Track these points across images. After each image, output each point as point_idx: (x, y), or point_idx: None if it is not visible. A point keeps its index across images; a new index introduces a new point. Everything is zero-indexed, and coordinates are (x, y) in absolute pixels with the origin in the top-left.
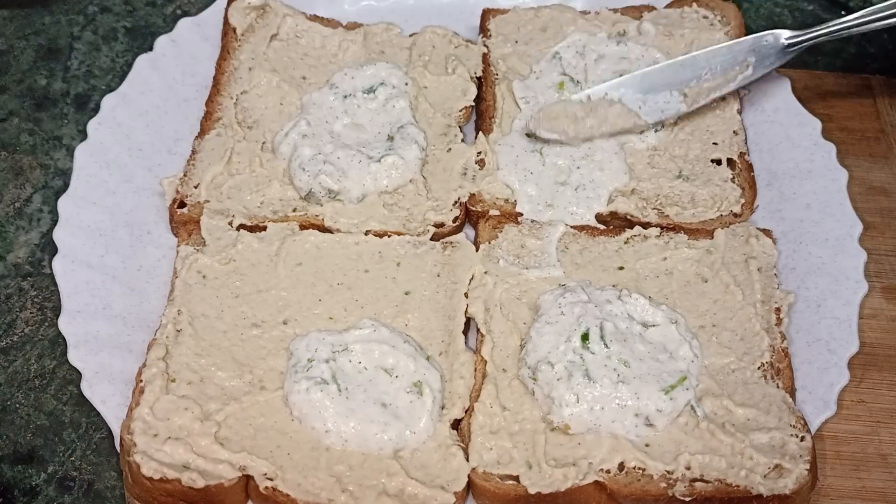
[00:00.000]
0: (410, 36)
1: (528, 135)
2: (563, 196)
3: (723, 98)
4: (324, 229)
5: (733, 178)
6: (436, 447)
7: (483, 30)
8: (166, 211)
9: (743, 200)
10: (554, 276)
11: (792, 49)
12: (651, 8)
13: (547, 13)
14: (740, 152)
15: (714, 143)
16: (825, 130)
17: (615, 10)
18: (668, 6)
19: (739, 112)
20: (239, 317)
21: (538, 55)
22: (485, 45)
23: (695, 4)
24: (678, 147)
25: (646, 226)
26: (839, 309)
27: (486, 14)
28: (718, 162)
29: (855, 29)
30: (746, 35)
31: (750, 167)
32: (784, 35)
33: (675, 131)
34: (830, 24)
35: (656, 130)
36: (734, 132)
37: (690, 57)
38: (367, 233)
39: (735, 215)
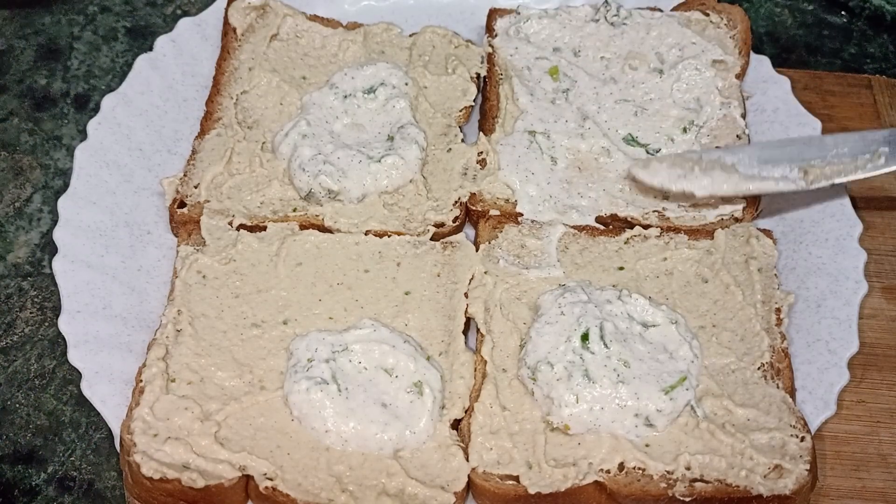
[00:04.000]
0: (410, 36)
1: (529, 133)
2: None
3: (727, 102)
4: (324, 229)
5: None
6: (436, 447)
7: (489, 29)
8: (166, 211)
9: (744, 205)
10: (554, 276)
11: None
12: (656, 10)
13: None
14: None
15: (717, 148)
16: (825, 130)
17: None
18: (674, 9)
19: (743, 116)
20: (239, 317)
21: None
22: (490, 45)
23: (699, 10)
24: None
25: (646, 226)
26: (839, 309)
27: (493, 14)
28: None
29: None
30: (751, 35)
31: None
32: None
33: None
34: None
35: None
36: (737, 136)
37: (818, 137)
38: (367, 233)
39: (737, 220)
